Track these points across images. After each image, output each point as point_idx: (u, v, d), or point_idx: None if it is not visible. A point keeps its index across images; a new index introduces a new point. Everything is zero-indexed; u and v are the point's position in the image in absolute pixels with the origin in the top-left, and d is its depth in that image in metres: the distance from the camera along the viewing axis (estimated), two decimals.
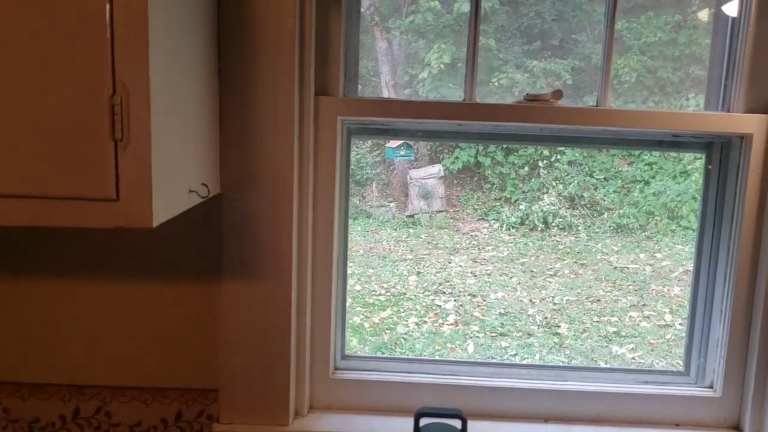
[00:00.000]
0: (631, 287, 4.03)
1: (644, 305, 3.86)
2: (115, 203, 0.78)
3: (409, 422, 1.10)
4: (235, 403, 1.10)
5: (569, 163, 5.56)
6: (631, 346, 3.42)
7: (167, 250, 1.08)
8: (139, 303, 1.09)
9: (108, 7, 0.74)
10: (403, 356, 1.22)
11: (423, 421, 1.04)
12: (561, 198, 5.23)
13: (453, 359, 1.20)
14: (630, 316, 3.72)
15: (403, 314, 3.73)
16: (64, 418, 1.11)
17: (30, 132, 0.76)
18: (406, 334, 3.56)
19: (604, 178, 4.99)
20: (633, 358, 3.31)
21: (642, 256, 4.41)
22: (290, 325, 1.09)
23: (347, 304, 1.22)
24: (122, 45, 0.75)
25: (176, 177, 0.87)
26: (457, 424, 1.04)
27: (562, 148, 5.22)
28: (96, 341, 1.10)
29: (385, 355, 1.22)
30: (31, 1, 0.74)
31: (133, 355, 1.10)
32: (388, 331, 3.43)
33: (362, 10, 1.13)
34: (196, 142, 0.95)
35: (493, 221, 5.07)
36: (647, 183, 4.87)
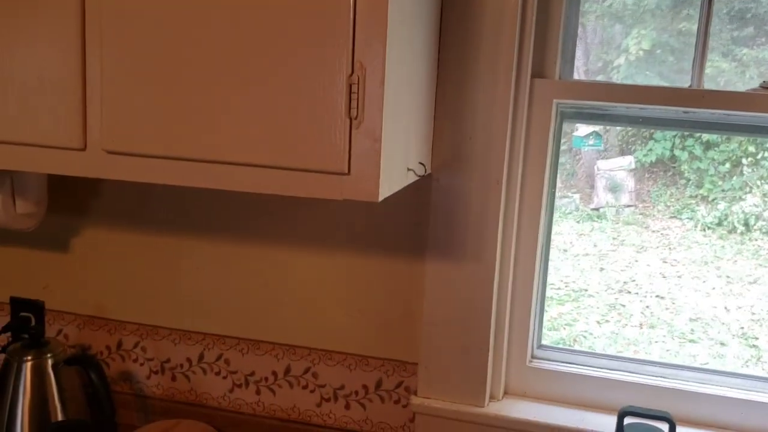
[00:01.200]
0: None
1: None
2: (347, 177, 0.82)
3: (608, 419, 1.07)
4: (433, 378, 1.12)
5: None
6: None
7: (379, 226, 1.12)
8: (350, 274, 1.15)
9: None
10: (602, 352, 1.18)
11: (627, 420, 1.00)
12: (766, 199, 4.79)
13: (657, 360, 1.14)
14: None
15: (583, 311, 3.61)
16: (276, 374, 1.20)
17: (280, 109, 0.82)
18: (585, 331, 3.45)
19: None
20: None
21: None
22: (491, 309, 1.09)
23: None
24: (363, 29, 0.78)
25: (399, 155, 0.90)
26: (664, 427, 0.99)
27: None
28: (309, 306, 1.17)
29: (584, 349, 1.18)
30: None
31: (342, 322, 1.16)
32: (566, 327, 3.34)
33: None
34: (416, 123, 0.97)
35: (686, 220, 4.75)
36: None
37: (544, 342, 1.19)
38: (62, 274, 1.27)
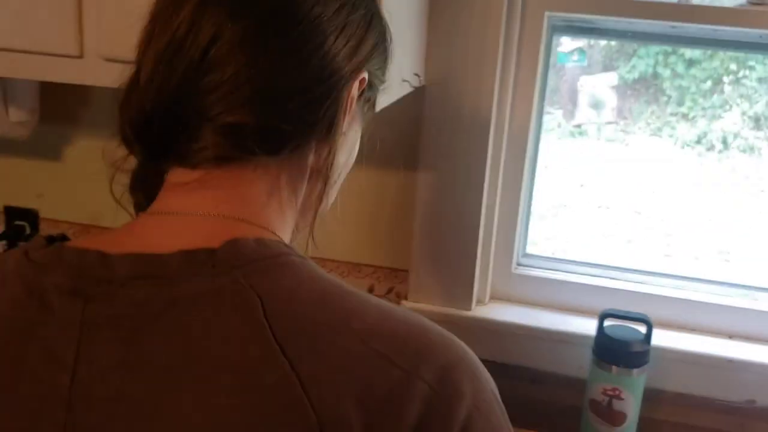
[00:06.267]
0: None
1: None
2: None
3: (589, 322, 1.13)
4: (423, 284, 1.17)
5: (759, 80, 5.10)
6: None
7: (373, 136, 1.14)
8: (344, 184, 1.17)
9: None
10: (584, 261, 1.23)
11: (607, 322, 1.06)
12: (745, 117, 4.84)
13: (638, 268, 1.20)
14: None
15: (563, 226, 3.69)
16: None
17: None
18: (565, 245, 3.53)
19: None
20: None
21: None
22: (480, 217, 1.13)
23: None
24: None
25: (394, 66, 0.91)
26: (642, 329, 1.05)
27: (753, 63, 4.78)
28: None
29: (567, 258, 1.24)
30: None
31: (335, 230, 1.19)
32: (546, 241, 3.41)
33: None
34: (411, 34, 0.98)
35: (667, 137, 4.80)
36: None
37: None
38: (56, 182, 1.28)
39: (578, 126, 5.40)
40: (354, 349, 0.47)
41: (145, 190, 0.60)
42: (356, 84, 0.59)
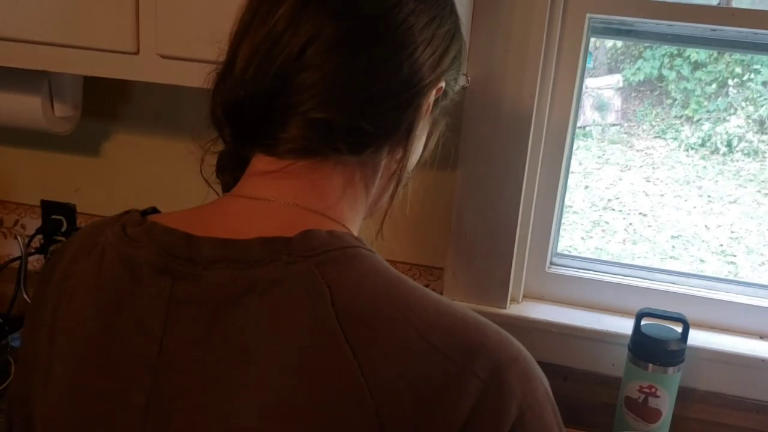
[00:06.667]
0: None
1: None
2: None
3: (622, 321, 1.15)
4: (459, 282, 1.19)
5: (764, 83, 5.13)
6: None
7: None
8: None
9: None
10: (618, 261, 1.25)
11: (644, 321, 1.08)
12: (750, 121, 4.86)
13: (670, 269, 1.21)
14: None
15: (568, 227, 3.71)
16: None
17: None
18: (570, 247, 3.55)
19: None
20: None
21: None
22: (517, 217, 1.14)
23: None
24: None
25: None
26: (678, 328, 1.07)
27: (758, 67, 4.81)
28: None
29: (600, 258, 1.25)
30: None
31: (372, 228, 1.21)
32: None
33: None
34: None
35: (671, 140, 4.82)
36: None
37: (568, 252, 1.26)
38: (93, 177, 1.29)
39: (582, 128, 5.41)
40: (413, 342, 0.49)
41: (232, 172, 0.62)
42: (434, 92, 0.62)
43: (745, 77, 4.86)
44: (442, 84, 0.62)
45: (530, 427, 0.51)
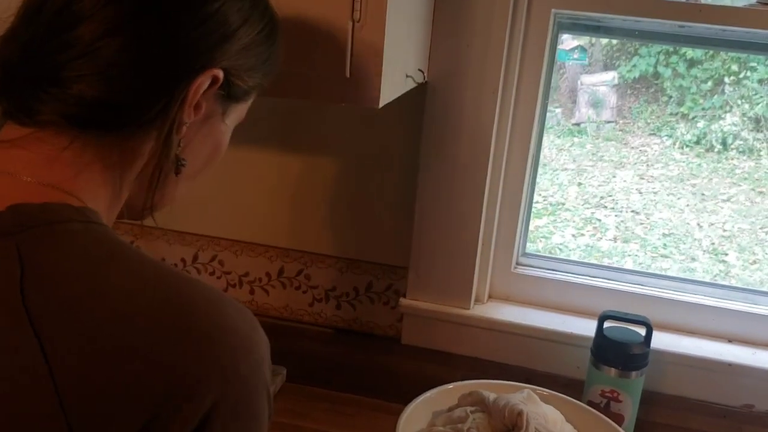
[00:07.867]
0: None
1: None
2: (347, 81, 0.82)
3: (588, 323, 1.12)
4: (422, 282, 1.17)
5: (760, 81, 5.09)
6: None
7: (374, 132, 1.13)
8: (344, 180, 1.17)
9: None
10: (584, 261, 1.22)
11: (606, 324, 1.06)
12: (745, 119, 4.82)
13: (637, 269, 1.19)
14: None
15: (560, 224, 3.68)
16: (270, 275, 1.24)
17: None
18: (561, 244, 3.52)
19: None
20: None
21: None
22: (480, 217, 1.12)
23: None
24: None
25: (399, 61, 0.90)
26: (641, 331, 1.05)
27: (754, 65, 4.77)
28: (303, 211, 1.20)
29: (566, 258, 1.23)
30: None
31: (334, 226, 1.19)
32: (543, 240, 3.41)
33: None
34: (416, 29, 0.97)
35: (665, 137, 4.78)
36: None
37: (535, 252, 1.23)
38: None
39: (577, 125, 5.38)
40: (103, 325, 0.48)
41: None
42: (206, 80, 0.58)
43: (741, 75, 4.82)
44: (218, 72, 0.59)
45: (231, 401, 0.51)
